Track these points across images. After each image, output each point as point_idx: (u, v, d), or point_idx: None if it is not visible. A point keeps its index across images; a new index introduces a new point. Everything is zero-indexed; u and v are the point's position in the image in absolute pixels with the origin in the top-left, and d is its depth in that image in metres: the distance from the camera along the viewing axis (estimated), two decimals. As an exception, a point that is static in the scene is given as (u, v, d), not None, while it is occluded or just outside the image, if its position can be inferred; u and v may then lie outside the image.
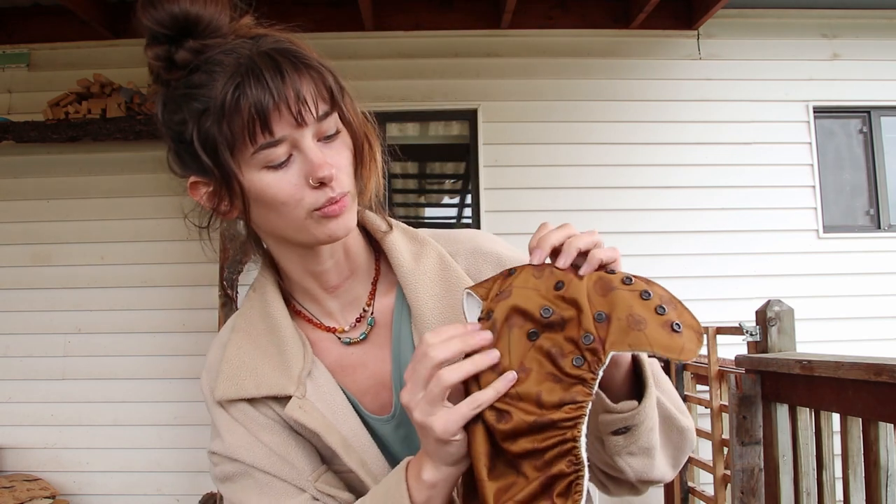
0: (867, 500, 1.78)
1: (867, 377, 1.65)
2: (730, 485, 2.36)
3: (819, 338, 3.34)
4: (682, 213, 3.75)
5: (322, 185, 0.69)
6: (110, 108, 3.45)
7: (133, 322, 3.61)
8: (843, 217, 3.87)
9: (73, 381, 3.59)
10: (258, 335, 0.80)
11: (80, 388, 3.58)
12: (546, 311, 0.61)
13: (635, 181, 3.75)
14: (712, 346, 2.65)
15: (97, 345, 3.60)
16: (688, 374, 3.00)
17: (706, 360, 2.71)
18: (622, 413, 0.66)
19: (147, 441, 3.55)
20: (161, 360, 3.58)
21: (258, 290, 0.84)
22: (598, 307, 0.61)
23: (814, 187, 3.80)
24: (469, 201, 3.85)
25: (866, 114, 3.91)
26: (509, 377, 0.60)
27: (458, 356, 0.62)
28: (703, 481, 3.08)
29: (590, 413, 0.64)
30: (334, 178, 0.69)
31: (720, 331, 2.61)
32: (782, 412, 2.14)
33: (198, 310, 3.56)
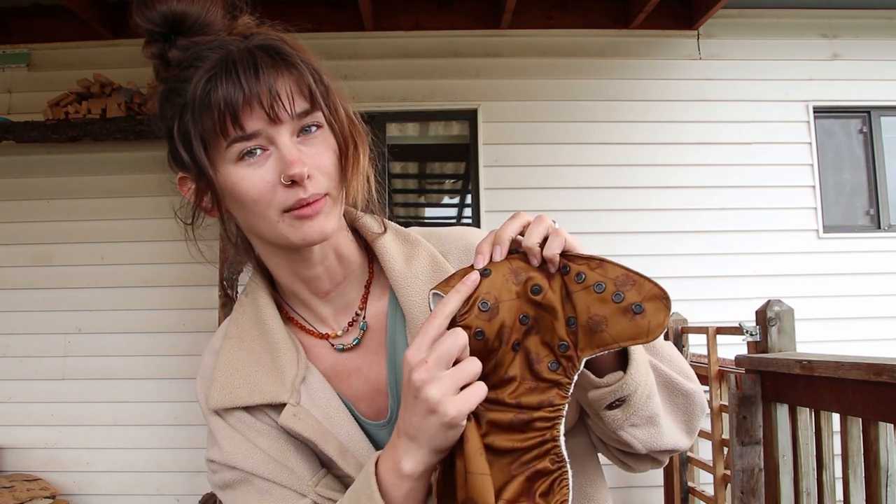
0: (867, 500, 1.78)
1: (867, 377, 1.65)
2: (730, 485, 2.36)
3: (819, 338, 3.34)
4: (682, 213, 3.75)
5: (294, 183, 0.67)
6: (110, 108, 3.45)
7: (133, 322, 3.61)
8: (843, 217, 3.87)
9: (73, 381, 3.59)
10: (251, 341, 0.79)
11: (80, 388, 3.58)
12: (524, 319, 0.63)
13: (635, 181, 3.75)
14: (712, 346, 2.65)
15: (97, 345, 3.60)
16: (692, 370, 3.00)
17: (706, 360, 2.71)
18: (609, 385, 0.65)
19: (147, 441, 3.55)
20: (161, 360, 3.58)
21: (250, 295, 0.83)
22: (568, 313, 0.63)
23: (814, 187, 3.80)
24: (469, 201, 3.85)
25: (866, 114, 3.91)
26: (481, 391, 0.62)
27: (459, 303, 0.64)
28: (703, 481, 3.08)
29: (580, 391, 0.66)
30: (307, 177, 0.67)
31: (720, 331, 2.61)
32: (782, 412, 2.14)
33: (197, 310, 3.56)
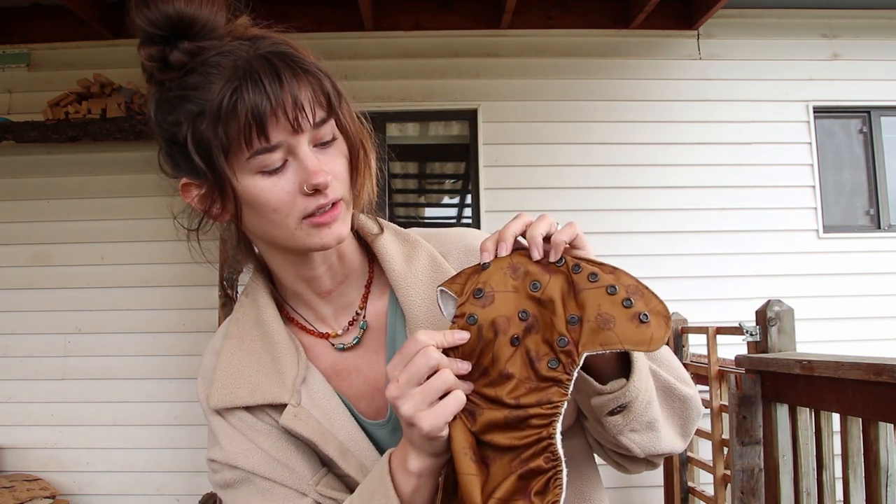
0: (867, 500, 1.78)
1: (867, 377, 1.65)
2: (730, 485, 2.36)
3: (819, 338, 3.34)
4: (682, 213, 3.75)
5: (316, 192, 0.68)
6: (110, 108, 3.45)
7: (133, 322, 3.61)
8: (843, 217, 3.87)
9: (73, 381, 3.59)
10: (251, 342, 0.80)
11: (80, 388, 3.58)
12: (524, 315, 0.63)
13: (636, 181, 3.75)
14: (712, 346, 2.65)
15: (97, 345, 3.60)
16: (688, 374, 3.00)
17: (706, 360, 2.71)
18: (612, 392, 0.66)
19: (147, 441, 3.55)
20: (161, 360, 3.58)
21: (250, 295, 0.83)
22: (570, 310, 0.63)
23: (814, 187, 3.80)
24: (469, 201, 3.85)
25: (866, 114, 3.91)
26: (465, 386, 0.63)
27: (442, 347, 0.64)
28: (703, 481, 3.08)
29: (582, 398, 0.67)
30: (329, 185, 0.68)
31: (720, 331, 2.60)
32: (782, 412, 2.14)
33: (198, 310, 3.56)
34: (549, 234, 0.65)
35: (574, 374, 0.61)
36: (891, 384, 1.58)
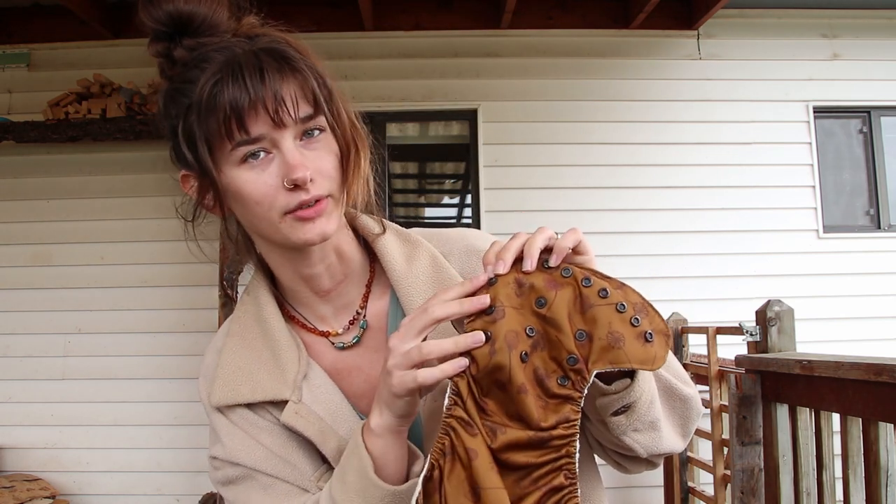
0: (867, 500, 1.78)
1: (867, 377, 1.65)
2: (730, 485, 2.36)
3: (819, 338, 3.34)
4: (682, 213, 3.75)
5: (297, 187, 0.68)
6: (110, 108, 3.45)
7: (133, 322, 3.61)
8: (843, 217, 3.87)
9: (73, 381, 3.59)
10: (253, 339, 0.80)
11: (80, 388, 3.58)
12: (530, 331, 0.63)
13: (636, 181, 3.75)
14: (712, 346, 2.65)
15: (97, 345, 3.60)
16: (688, 374, 3.00)
17: (706, 360, 2.71)
18: (617, 393, 0.66)
19: (147, 441, 3.55)
20: (161, 360, 3.58)
21: (251, 293, 0.84)
22: (578, 326, 0.63)
23: (814, 187, 3.80)
24: (469, 201, 3.85)
25: (866, 114, 3.91)
26: (460, 363, 0.62)
27: (454, 316, 0.64)
28: (703, 481, 3.08)
29: (587, 399, 0.66)
30: (310, 180, 0.68)
31: (720, 331, 2.60)
32: (782, 412, 2.14)
33: (198, 310, 3.56)
34: (549, 246, 0.66)
35: (585, 391, 0.62)
36: (891, 384, 1.58)
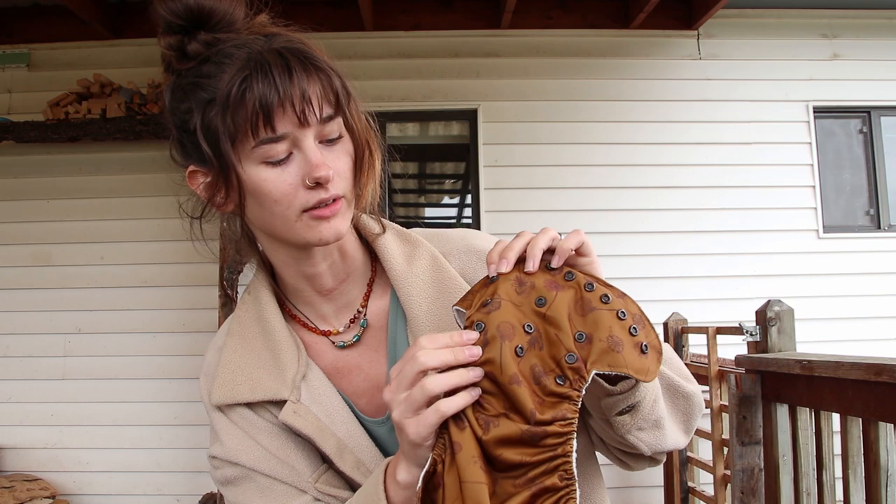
0: (867, 500, 1.78)
1: (867, 377, 1.65)
2: (730, 485, 2.36)
3: (819, 338, 3.34)
4: (683, 213, 3.75)
5: (318, 185, 0.69)
6: (110, 108, 3.45)
7: (133, 322, 3.61)
8: (843, 217, 3.87)
9: (73, 381, 3.59)
10: (253, 339, 0.81)
11: (80, 388, 3.58)
12: (529, 328, 0.63)
13: (636, 181, 3.75)
14: (712, 346, 2.65)
15: (97, 345, 3.60)
16: (686, 368, 3.00)
17: (706, 360, 2.71)
18: (622, 393, 0.66)
19: (147, 441, 3.55)
20: (161, 360, 3.58)
21: (252, 292, 0.84)
22: (578, 327, 0.63)
23: (814, 187, 3.80)
24: (469, 201, 3.85)
25: (866, 114, 3.91)
26: (474, 393, 0.60)
27: (445, 367, 0.61)
28: (703, 481, 3.08)
29: (591, 398, 0.67)
30: (331, 180, 0.69)
31: (720, 331, 2.60)
32: (782, 412, 2.14)
33: (198, 310, 3.56)
34: (552, 247, 0.66)
35: (583, 391, 0.61)
36: (891, 384, 1.58)
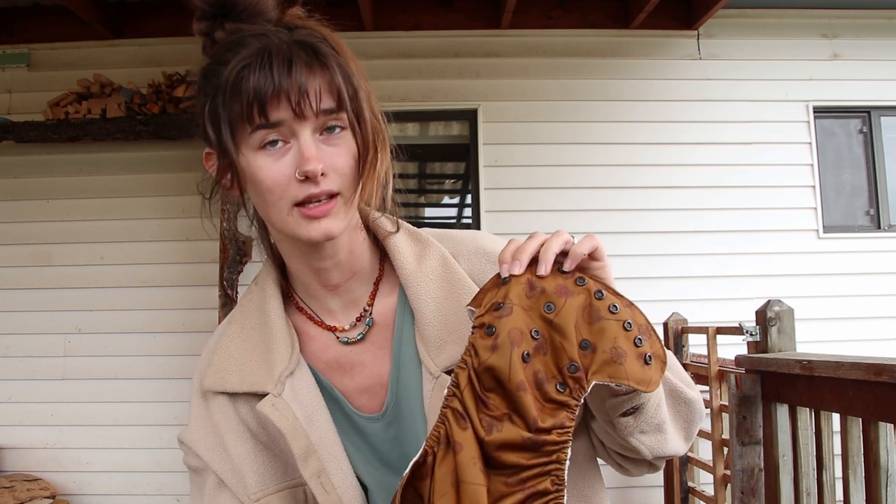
0: (867, 501, 1.78)
1: (867, 377, 1.65)
2: (730, 485, 2.36)
3: (819, 338, 3.34)
4: (683, 213, 3.75)
5: (307, 179, 0.69)
6: (110, 108, 3.45)
7: (133, 322, 3.61)
8: (843, 217, 3.87)
9: (73, 381, 3.59)
10: (251, 329, 0.81)
11: (80, 388, 3.58)
12: (536, 334, 0.64)
13: (636, 181, 3.75)
14: (712, 346, 2.65)
15: (97, 345, 3.60)
16: (690, 377, 3.00)
17: (706, 360, 2.71)
18: (627, 394, 0.67)
19: (147, 441, 3.55)
20: (161, 360, 3.58)
21: (260, 283, 0.84)
22: (583, 335, 0.63)
23: (814, 187, 3.80)
24: (469, 201, 3.85)
25: (866, 114, 3.91)
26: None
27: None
28: (703, 481, 3.08)
29: (595, 399, 0.68)
30: (321, 174, 0.69)
31: (720, 331, 2.60)
32: (782, 412, 2.14)
33: (198, 310, 3.56)
34: (565, 250, 0.66)
35: (581, 400, 0.62)
36: (891, 384, 1.58)
